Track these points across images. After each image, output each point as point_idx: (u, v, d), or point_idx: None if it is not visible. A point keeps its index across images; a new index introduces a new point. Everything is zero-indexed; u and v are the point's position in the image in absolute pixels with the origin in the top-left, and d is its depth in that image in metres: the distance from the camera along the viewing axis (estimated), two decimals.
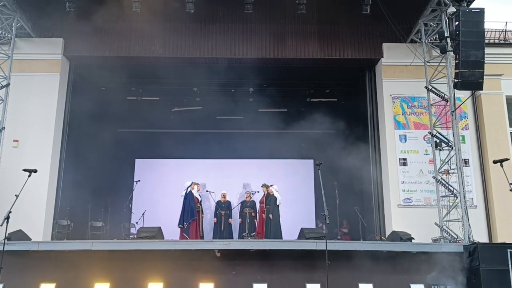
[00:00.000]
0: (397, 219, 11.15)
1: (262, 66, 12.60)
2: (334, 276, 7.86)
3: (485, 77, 9.62)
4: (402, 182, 11.50)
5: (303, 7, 11.01)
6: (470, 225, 9.86)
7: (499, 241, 10.69)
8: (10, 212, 7.54)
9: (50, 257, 8.94)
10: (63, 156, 11.92)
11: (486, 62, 9.58)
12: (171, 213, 12.81)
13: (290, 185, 14.81)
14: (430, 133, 11.16)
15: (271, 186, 12.52)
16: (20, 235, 9.28)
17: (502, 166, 8.58)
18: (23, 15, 11.47)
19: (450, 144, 10.71)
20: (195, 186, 12.52)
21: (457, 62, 9.69)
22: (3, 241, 7.84)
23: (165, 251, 8.99)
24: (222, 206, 12.85)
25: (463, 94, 11.23)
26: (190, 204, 12.13)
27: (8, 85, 10.90)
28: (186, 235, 11.73)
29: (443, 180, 10.75)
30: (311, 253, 8.83)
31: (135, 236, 11.01)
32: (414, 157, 11.67)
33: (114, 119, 14.56)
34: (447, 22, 10.39)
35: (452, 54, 10.22)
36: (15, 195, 7.77)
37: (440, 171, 10.87)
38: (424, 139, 11.69)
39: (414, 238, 9.83)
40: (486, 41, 10.40)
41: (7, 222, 7.47)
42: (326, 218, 7.86)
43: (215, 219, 12.84)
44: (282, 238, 11.75)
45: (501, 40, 12.60)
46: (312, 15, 12.03)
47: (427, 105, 11.38)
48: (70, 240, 10.30)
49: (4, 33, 11.40)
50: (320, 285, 8.65)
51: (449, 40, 10.16)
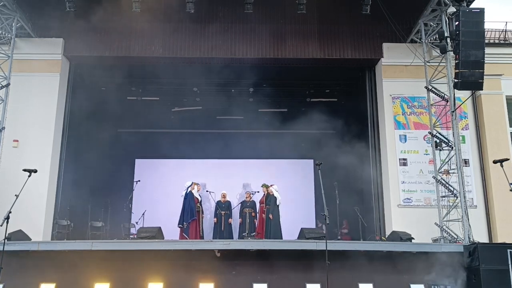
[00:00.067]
0: (397, 219, 11.16)
1: (262, 66, 12.61)
2: (334, 276, 7.86)
3: (485, 77, 9.62)
4: (402, 182, 11.50)
5: (303, 7, 11.01)
6: (470, 225, 9.85)
7: (499, 241, 10.70)
8: (10, 212, 7.54)
9: (50, 257, 8.93)
10: (63, 156, 11.93)
11: (486, 62, 9.58)
12: (171, 213, 12.80)
13: (290, 185, 14.79)
14: (430, 133, 11.15)
15: (271, 186, 12.52)
16: (20, 235, 9.28)
17: (502, 166, 8.59)
18: (23, 15, 11.47)
19: (450, 144, 10.70)
20: (195, 186, 12.52)
21: (457, 62, 9.69)
22: (3, 241, 7.84)
23: (165, 251, 8.98)
24: (222, 206, 12.85)
25: (463, 94, 11.23)
26: (190, 204, 12.13)
27: (8, 85, 10.91)
28: (185, 235, 11.73)
29: (443, 180, 10.74)
30: (311, 253, 8.83)
31: (135, 236, 11.00)
32: (414, 157, 11.67)
33: (114, 119, 14.56)
34: (447, 22, 10.39)
35: (452, 54, 10.22)
36: (15, 195, 7.77)
37: (440, 171, 10.87)
38: (424, 139, 11.69)
39: (414, 238, 9.83)
40: (486, 41, 10.39)
41: (7, 222, 7.48)
42: (326, 218, 7.86)
43: (215, 219, 12.84)
44: (282, 238, 11.75)
45: (501, 40, 12.60)
46: (312, 15, 12.03)
47: (427, 105, 11.38)
48: (70, 240, 10.29)
49: (4, 33, 11.40)
50: (320, 285, 8.63)
51: (449, 40, 10.15)
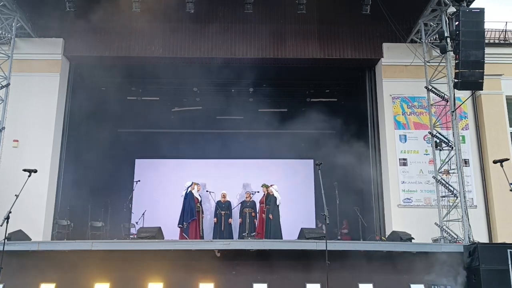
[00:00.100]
0: (397, 219, 11.16)
1: (262, 66, 12.61)
2: (334, 276, 7.86)
3: (485, 77, 9.62)
4: (402, 182, 11.50)
5: (303, 7, 11.01)
6: (470, 225, 9.85)
7: (499, 241, 10.70)
8: (10, 212, 7.54)
9: (50, 257, 8.93)
10: (63, 156, 11.93)
11: (486, 62, 9.58)
12: (171, 213, 12.80)
13: (290, 185, 14.79)
14: (430, 133, 11.15)
15: (271, 186, 12.51)
16: (20, 235, 9.28)
17: (502, 166, 8.59)
18: (23, 15, 11.47)
19: (450, 144, 10.70)
20: (195, 186, 12.52)
21: (457, 62, 9.69)
22: (3, 241, 7.84)
23: (165, 251, 8.98)
24: (222, 206, 12.84)
25: (463, 94, 11.23)
26: (190, 204, 12.13)
27: (8, 85, 10.90)
28: (185, 235, 11.72)
29: (443, 180, 10.74)
30: (311, 253, 8.83)
31: (135, 236, 11.00)
32: (414, 157, 11.67)
33: (114, 119, 14.55)
34: (447, 22, 10.39)
35: (452, 54, 10.22)
36: (15, 195, 7.77)
37: (440, 171, 10.87)
38: (424, 139, 11.69)
39: (414, 238, 9.83)
40: (486, 41, 10.39)
41: (7, 222, 7.48)
42: (326, 218, 7.86)
43: (215, 219, 12.83)
44: (282, 238, 11.75)
45: (501, 40, 12.60)
46: (312, 15, 12.03)
47: (427, 105, 11.38)
48: (70, 240, 10.30)
49: (4, 33, 11.40)
50: (320, 285, 8.63)
51: (449, 40, 10.15)
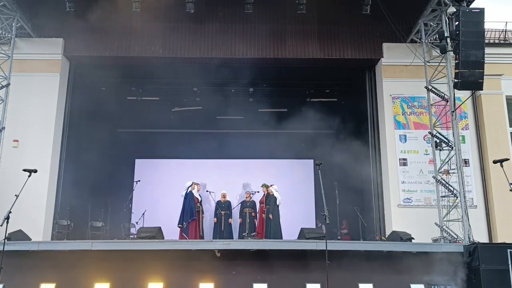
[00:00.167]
0: (397, 219, 11.16)
1: (262, 66, 12.62)
2: (334, 276, 7.86)
3: (485, 77, 9.62)
4: (402, 182, 11.50)
5: (303, 7, 11.01)
6: (470, 225, 9.85)
7: (499, 241, 10.70)
8: (10, 212, 7.54)
9: (50, 257, 8.93)
10: (63, 156, 11.93)
11: (486, 62, 9.58)
12: (171, 213, 12.80)
13: (290, 185, 14.78)
14: (430, 133, 11.15)
15: (271, 186, 12.51)
16: (20, 235, 9.28)
17: (502, 166, 8.59)
18: (23, 15, 11.47)
19: (450, 144, 10.70)
20: (195, 186, 12.52)
21: (457, 62, 9.68)
22: (3, 241, 7.84)
23: (165, 251, 8.98)
24: (222, 206, 12.84)
25: (463, 94, 11.23)
26: (190, 204, 12.12)
27: (8, 85, 10.91)
28: (185, 235, 11.72)
29: (443, 180, 10.74)
30: (311, 253, 8.83)
31: (135, 236, 11.00)
32: (414, 157, 11.67)
33: (114, 119, 14.56)
34: (447, 22, 10.39)
35: (452, 54, 10.22)
36: (15, 195, 7.77)
37: (440, 171, 10.87)
38: (424, 139, 11.69)
39: (414, 238, 9.83)
40: (486, 41, 10.40)
41: (7, 222, 7.48)
42: (326, 218, 7.86)
43: (215, 219, 12.82)
44: (282, 238, 11.74)
45: (501, 40, 12.60)
46: (312, 15, 12.03)
47: (427, 105, 11.38)
48: (70, 240, 10.30)
49: (4, 33, 11.41)
50: (320, 285, 8.63)
51: (449, 40, 10.15)
